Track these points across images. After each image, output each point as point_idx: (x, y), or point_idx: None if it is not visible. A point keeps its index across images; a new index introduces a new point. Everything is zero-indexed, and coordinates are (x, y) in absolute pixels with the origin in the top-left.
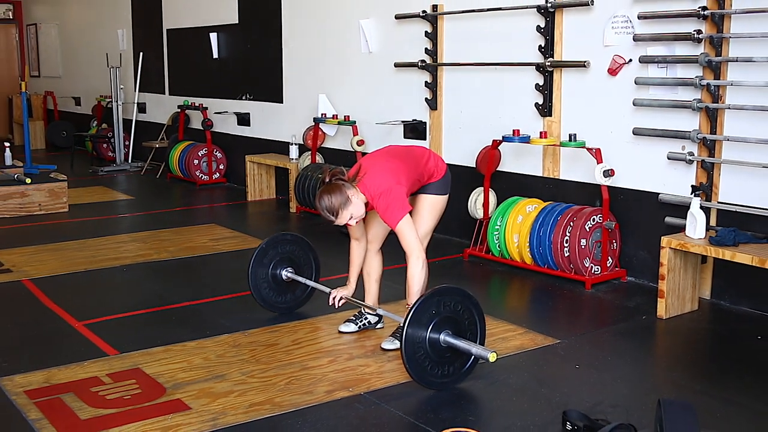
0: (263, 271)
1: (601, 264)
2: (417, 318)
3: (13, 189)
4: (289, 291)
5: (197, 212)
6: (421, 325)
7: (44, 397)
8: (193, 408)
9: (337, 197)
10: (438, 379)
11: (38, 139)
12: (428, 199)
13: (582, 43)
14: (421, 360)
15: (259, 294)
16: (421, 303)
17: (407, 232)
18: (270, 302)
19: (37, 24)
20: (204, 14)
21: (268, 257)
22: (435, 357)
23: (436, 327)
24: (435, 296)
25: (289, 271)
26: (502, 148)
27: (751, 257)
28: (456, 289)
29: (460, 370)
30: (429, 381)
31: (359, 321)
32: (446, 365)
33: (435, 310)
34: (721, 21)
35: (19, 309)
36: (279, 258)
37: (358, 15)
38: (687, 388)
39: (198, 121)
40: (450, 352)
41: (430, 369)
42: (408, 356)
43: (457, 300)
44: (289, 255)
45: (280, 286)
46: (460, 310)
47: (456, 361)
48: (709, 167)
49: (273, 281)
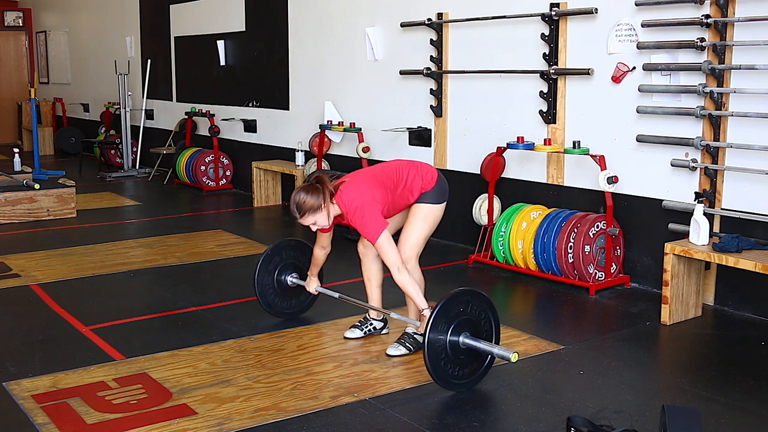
0: (269, 277)
1: (605, 270)
2: (437, 322)
3: (22, 194)
4: (294, 296)
5: (204, 218)
6: (441, 328)
7: (51, 402)
8: (199, 413)
9: (311, 199)
10: (458, 380)
11: (47, 146)
12: (422, 207)
13: (586, 51)
14: (442, 362)
15: (265, 300)
16: (443, 306)
17: (386, 248)
18: (276, 308)
19: (46, 31)
20: (211, 22)
21: (273, 263)
22: (455, 359)
23: (455, 329)
24: (456, 299)
25: (294, 276)
26: (507, 155)
27: (754, 264)
28: (473, 292)
29: (478, 371)
30: (449, 382)
31: (364, 327)
32: (465, 366)
33: (455, 313)
34: (724, 29)
35: (26, 313)
36: (284, 264)
37: (364, 23)
38: (691, 394)
39: (205, 127)
40: (468, 354)
41: (451, 371)
42: (430, 359)
43: (474, 302)
44: (294, 261)
45: (286, 291)
46: (477, 312)
47: (474, 362)
48: (713, 174)
49: (278, 287)
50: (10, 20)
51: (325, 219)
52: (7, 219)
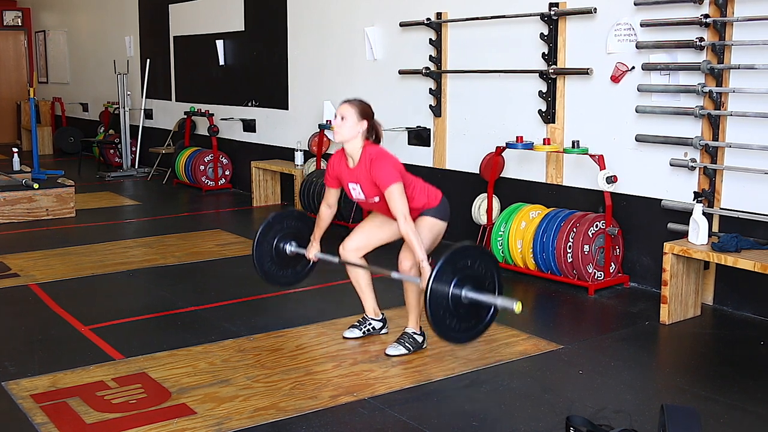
0: (267, 245)
1: (604, 270)
2: (441, 273)
3: (21, 194)
4: (291, 266)
5: (203, 218)
6: (443, 282)
7: (50, 401)
8: (198, 412)
9: (364, 107)
10: (457, 333)
11: (46, 145)
12: (427, 219)
13: (585, 51)
14: (444, 317)
15: (262, 267)
16: (448, 258)
17: (397, 196)
18: (272, 276)
19: (45, 31)
20: (210, 22)
21: (273, 231)
22: (456, 311)
23: (459, 283)
24: (461, 253)
25: (293, 245)
26: (506, 154)
27: (753, 263)
28: (478, 248)
29: (479, 325)
30: (449, 335)
31: (363, 326)
32: (466, 320)
33: (459, 267)
34: (723, 28)
35: (25, 313)
36: (284, 233)
37: (363, 23)
38: (690, 394)
39: (204, 127)
40: (470, 308)
41: (450, 323)
42: (433, 314)
43: (479, 258)
44: (294, 231)
45: (283, 260)
46: (481, 268)
47: (475, 316)
48: (712, 174)
49: (276, 255)
50: (9, 20)
51: (352, 126)
52: (6, 219)
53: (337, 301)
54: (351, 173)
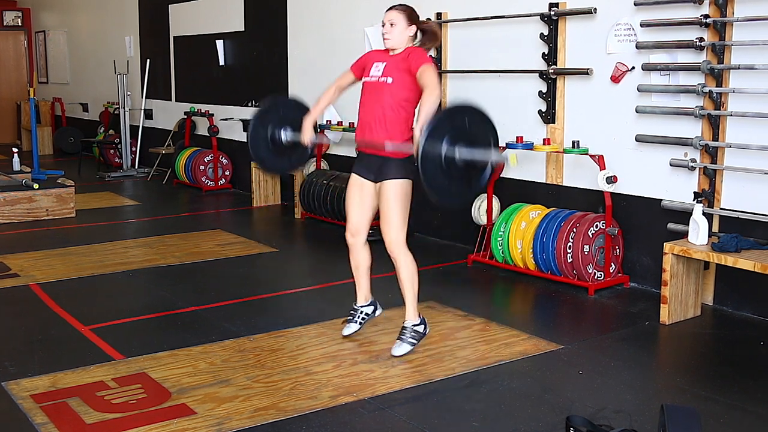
0: (263, 131)
1: (604, 270)
2: (431, 138)
3: (21, 194)
4: (286, 155)
5: (203, 218)
6: (435, 143)
7: (50, 401)
8: (198, 413)
9: (413, 16)
10: (454, 194)
11: (46, 145)
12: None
13: (585, 51)
14: (439, 179)
15: (257, 153)
16: (432, 124)
17: (432, 72)
18: (267, 163)
19: (45, 31)
20: (210, 22)
21: (269, 117)
22: (450, 171)
23: (450, 143)
24: (444, 115)
25: (288, 133)
26: (506, 154)
27: (753, 263)
28: (468, 106)
29: (478, 181)
30: (446, 197)
31: (357, 317)
32: (462, 179)
33: (450, 126)
34: (723, 29)
35: (26, 313)
36: (280, 120)
37: (363, 23)
38: (690, 394)
39: (204, 127)
40: (464, 167)
41: (447, 184)
42: (427, 178)
43: (470, 116)
44: (291, 119)
45: (279, 148)
46: (470, 124)
47: (472, 172)
48: (712, 174)
49: (272, 143)
50: (9, 20)
51: (401, 31)
52: (6, 219)
53: (337, 301)
54: (384, 57)
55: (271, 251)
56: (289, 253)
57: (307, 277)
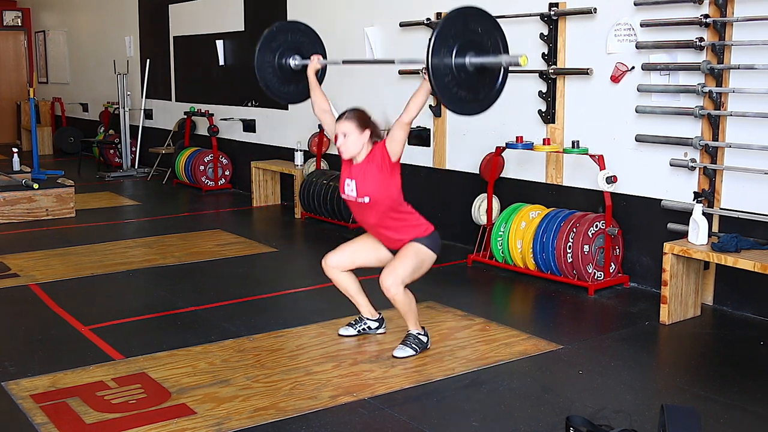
0: (270, 56)
1: (604, 270)
2: (437, 50)
3: (21, 194)
4: (292, 82)
5: (203, 218)
6: (443, 57)
7: (50, 401)
8: (198, 412)
9: (365, 116)
10: (473, 103)
11: (46, 145)
12: (415, 244)
13: (585, 51)
14: (452, 89)
15: (264, 78)
16: (437, 38)
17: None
18: (273, 89)
19: (45, 31)
20: (210, 22)
21: (276, 42)
22: (466, 82)
23: (458, 53)
24: (447, 26)
25: (296, 58)
26: (506, 154)
27: (753, 263)
28: (473, 9)
29: (495, 86)
30: (465, 107)
31: (357, 326)
32: (477, 86)
33: (452, 39)
34: (723, 29)
35: (25, 313)
36: (288, 46)
37: (363, 23)
38: (690, 394)
39: (204, 127)
40: (478, 72)
41: (464, 95)
42: (441, 90)
43: (475, 20)
44: (298, 45)
45: (286, 74)
46: (476, 29)
47: (486, 78)
48: (712, 174)
49: (279, 69)
50: (9, 20)
51: (355, 141)
52: (5, 219)
53: (337, 301)
54: (351, 169)
55: (271, 251)
56: (289, 253)
57: (307, 277)
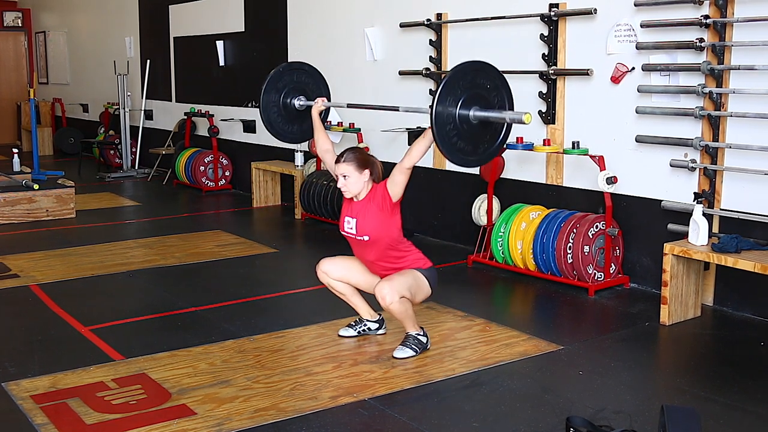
0: (276, 96)
1: (604, 270)
2: (443, 100)
3: (21, 195)
4: (296, 122)
5: (203, 218)
6: (447, 106)
7: (50, 402)
8: (198, 413)
9: (365, 158)
10: (472, 156)
11: (46, 146)
12: (415, 271)
13: (585, 52)
14: (453, 139)
15: (268, 117)
16: (444, 87)
17: None
18: (277, 128)
19: (45, 32)
20: (210, 22)
21: (282, 82)
22: (467, 134)
23: (464, 105)
24: (455, 77)
25: (301, 99)
26: (506, 155)
27: (753, 264)
28: (480, 64)
29: (496, 142)
30: (463, 159)
31: (357, 327)
32: (479, 141)
33: (459, 90)
34: (723, 29)
35: (26, 314)
36: (293, 86)
37: (363, 23)
38: (690, 394)
39: (204, 128)
40: (481, 126)
41: (463, 147)
42: (441, 138)
43: (477, 75)
44: (304, 86)
45: (291, 113)
46: (484, 84)
47: (488, 133)
48: (712, 174)
49: (284, 108)
50: (10, 20)
51: (356, 182)
52: (6, 219)
53: (338, 302)
54: (351, 207)
55: (271, 252)
56: (289, 254)
57: (307, 277)
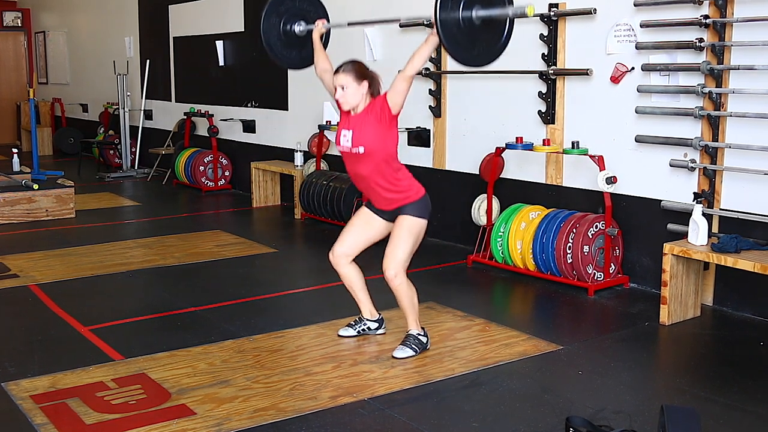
0: (276, 20)
1: (604, 270)
2: (444, 3)
3: (21, 195)
4: (296, 48)
5: (203, 218)
6: (449, 10)
7: (50, 402)
8: (197, 413)
9: (365, 70)
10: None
11: (46, 146)
12: (407, 219)
13: (585, 52)
14: (460, 41)
15: (268, 40)
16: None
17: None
18: (276, 51)
19: (45, 32)
20: (210, 22)
21: (284, 6)
22: (472, 34)
23: (465, 6)
24: None
25: (301, 25)
26: (506, 155)
27: (752, 264)
28: None
29: (500, 39)
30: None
31: (357, 326)
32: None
33: None
34: (723, 29)
35: (25, 314)
36: (293, 12)
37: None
38: (690, 394)
39: (204, 128)
40: (484, 25)
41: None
42: (449, 43)
43: None
44: (304, 12)
45: (291, 39)
46: None
47: (493, 30)
48: (711, 174)
49: (284, 34)
50: (9, 20)
51: (354, 93)
52: (5, 219)
53: (337, 302)
54: (348, 120)
55: (271, 252)
56: (288, 254)
57: (307, 277)
